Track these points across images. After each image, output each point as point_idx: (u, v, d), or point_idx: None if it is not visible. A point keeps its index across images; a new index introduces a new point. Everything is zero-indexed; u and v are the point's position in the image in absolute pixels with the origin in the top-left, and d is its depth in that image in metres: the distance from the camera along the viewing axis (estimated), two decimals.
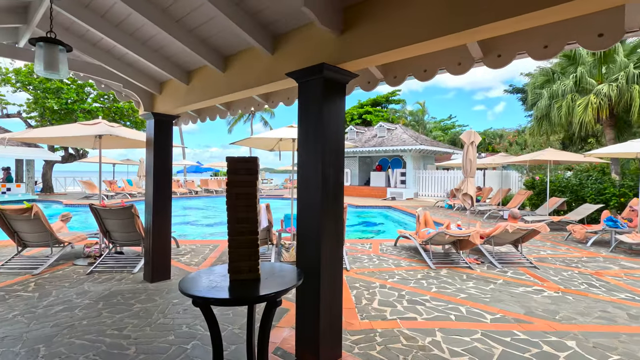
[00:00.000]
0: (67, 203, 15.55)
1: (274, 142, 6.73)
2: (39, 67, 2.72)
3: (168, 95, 4.38)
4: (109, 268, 5.21)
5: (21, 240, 5.38)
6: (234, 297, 1.91)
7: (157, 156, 4.58)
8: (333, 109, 2.56)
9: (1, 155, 16.45)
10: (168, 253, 4.77)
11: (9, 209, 4.99)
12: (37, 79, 18.04)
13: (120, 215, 5.17)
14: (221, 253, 6.33)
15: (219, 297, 1.89)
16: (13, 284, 4.52)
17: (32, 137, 5.26)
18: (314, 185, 2.54)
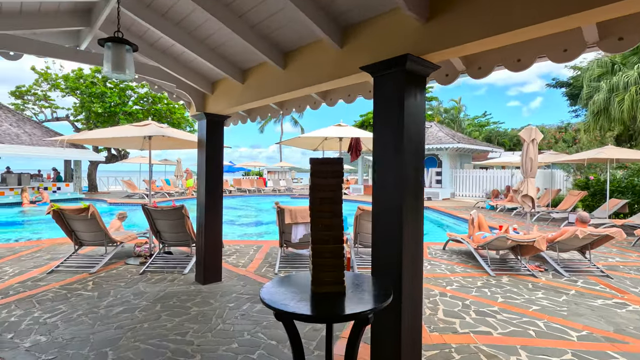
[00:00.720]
0: (111, 202, 16.22)
1: (318, 141, 6.57)
2: (107, 68, 2.69)
3: (220, 95, 4.31)
4: (160, 268, 5.25)
5: (78, 239, 5.54)
6: (325, 315, 1.73)
7: (209, 157, 4.53)
8: (414, 104, 2.33)
9: (53, 156, 17.44)
10: (219, 254, 4.72)
11: (67, 209, 5.14)
12: (83, 84, 18.98)
13: (171, 215, 5.19)
14: (266, 254, 6.25)
15: (306, 313, 1.71)
16: (73, 282, 4.63)
17: (87, 138, 5.40)
18: (392, 186, 2.33)
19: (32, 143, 16.56)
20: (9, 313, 3.61)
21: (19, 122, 17.56)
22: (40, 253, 6.17)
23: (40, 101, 20.77)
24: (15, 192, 15.79)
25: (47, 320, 3.41)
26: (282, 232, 5.45)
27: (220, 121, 4.62)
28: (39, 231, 10.23)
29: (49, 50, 3.51)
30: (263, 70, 3.60)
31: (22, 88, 20.19)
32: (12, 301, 3.93)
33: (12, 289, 4.33)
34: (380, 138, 2.42)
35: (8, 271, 5.09)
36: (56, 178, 19.48)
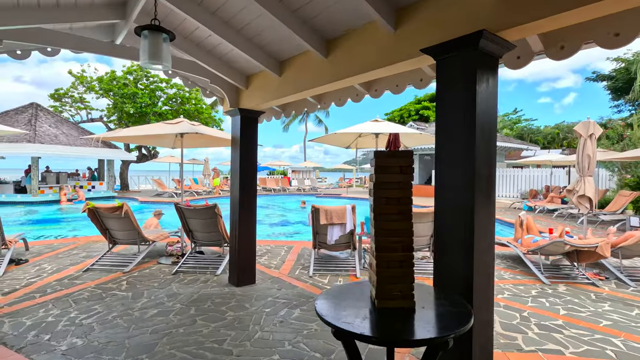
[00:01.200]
0: (142, 200, 16.59)
1: (352, 138, 6.29)
2: (143, 58, 2.53)
3: (255, 90, 4.12)
4: (192, 268, 5.14)
5: (112, 238, 5.54)
6: (393, 338, 1.46)
7: (243, 154, 4.36)
8: (486, 90, 2.02)
9: (88, 155, 18.08)
10: (253, 256, 4.54)
11: (102, 208, 5.12)
12: (116, 86, 19.56)
13: (204, 214, 5.07)
14: (298, 255, 6.04)
15: (371, 335, 1.44)
16: (107, 281, 4.59)
17: (121, 135, 5.37)
18: (461, 183, 2.02)
19: (69, 143, 17.21)
20: (46, 312, 3.56)
21: (57, 123, 18.30)
22: (77, 250, 6.24)
23: (77, 103, 21.63)
24: (54, 191, 16.46)
25: (83, 322, 3.32)
26: (315, 233, 5.22)
27: (255, 117, 4.44)
28: (76, 228, 10.52)
29: (85, 44, 3.43)
30: (302, 60, 3.36)
31: (60, 91, 21.09)
32: (50, 300, 3.90)
33: (49, 287, 4.32)
34: (445, 129, 2.11)
35: (46, 268, 5.13)
36: (91, 177, 20.21)
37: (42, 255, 5.86)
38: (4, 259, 5.04)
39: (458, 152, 2.04)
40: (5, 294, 4.10)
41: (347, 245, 5.28)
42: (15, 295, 4.04)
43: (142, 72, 20.57)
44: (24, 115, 17.49)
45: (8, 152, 15.60)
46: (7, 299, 3.93)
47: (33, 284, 4.46)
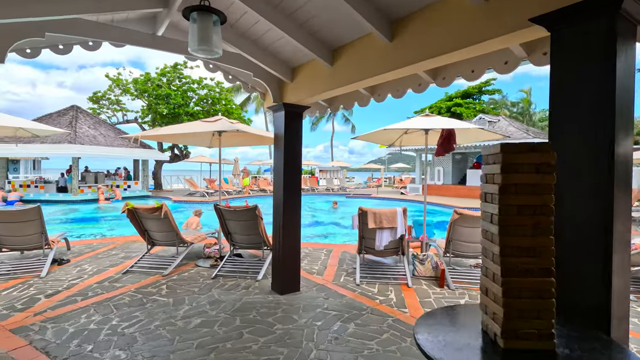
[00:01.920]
0: (176, 199, 16.84)
1: (397, 134, 5.86)
2: (192, 44, 2.26)
3: (301, 83, 3.80)
4: (232, 273, 4.91)
5: (150, 239, 5.41)
6: None
7: (287, 152, 4.06)
8: (624, 67, 1.57)
9: (124, 156, 18.60)
10: (298, 261, 4.23)
11: (141, 208, 4.99)
12: (150, 87, 20.01)
13: (244, 216, 4.83)
14: (339, 260, 5.69)
15: None
16: (147, 284, 4.43)
17: (159, 134, 5.23)
18: (594, 188, 1.58)
19: (107, 144, 17.75)
20: (88, 318, 3.41)
21: (96, 124, 18.94)
22: (115, 251, 6.19)
23: (113, 105, 22.36)
24: (92, 190, 17.01)
25: (125, 331, 3.13)
26: (362, 237, 4.85)
27: (299, 112, 4.13)
28: (113, 227, 10.70)
29: (126, 36, 3.23)
30: (360, 46, 2.99)
31: (98, 94, 21.87)
32: (91, 304, 3.76)
33: (90, 290, 4.21)
34: (567, 119, 1.68)
35: (87, 269, 5.06)
36: (126, 177, 20.80)
37: (83, 256, 5.84)
38: (47, 259, 5.01)
39: (589, 147, 1.60)
40: (48, 296, 4.02)
41: (395, 250, 4.88)
42: (58, 298, 3.94)
43: (175, 73, 20.95)
44: (65, 117, 18.21)
45: (51, 152, 16.26)
46: (50, 302, 3.83)
47: (74, 286, 4.36)
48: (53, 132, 5.97)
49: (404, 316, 3.50)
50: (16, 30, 2.73)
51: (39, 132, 5.92)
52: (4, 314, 3.50)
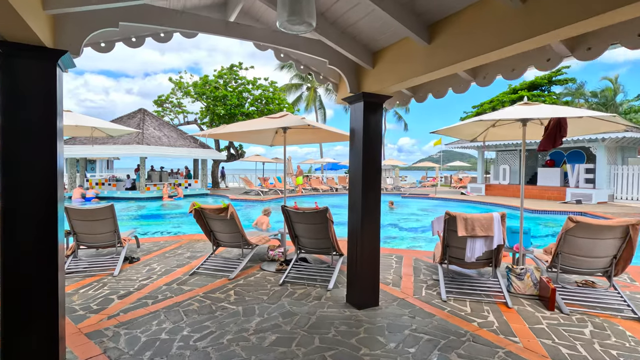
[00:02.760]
0: (233, 198, 17.21)
1: (482, 128, 5.12)
2: (282, 17, 1.89)
3: (385, 68, 3.30)
4: (300, 279, 4.56)
5: (216, 240, 5.26)
6: None
7: (366, 148, 3.58)
8: None
9: (185, 155, 19.46)
10: (377, 271, 3.75)
11: (208, 209, 4.83)
12: (208, 89, 20.74)
13: (313, 219, 4.45)
14: (413, 268, 5.11)
15: None
16: (215, 289, 4.22)
17: (225, 132, 5.05)
18: None
19: (170, 144, 18.68)
20: (159, 325, 3.22)
21: (160, 126, 20.04)
22: (181, 250, 6.18)
23: (175, 108, 23.59)
24: (157, 188, 17.99)
25: (198, 345, 2.87)
26: (446, 246, 4.22)
27: (380, 103, 3.63)
28: (177, 225, 11.04)
29: (198, 24, 2.97)
30: (472, 15, 2.42)
31: (162, 97, 23.20)
32: (161, 309, 3.60)
33: (160, 292, 4.09)
34: None
35: (156, 269, 5.03)
36: (187, 175, 21.80)
37: (151, 254, 5.88)
38: (119, 257, 5.06)
39: None
40: (121, 297, 3.96)
41: (486, 262, 4.19)
42: (130, 300, 3.85)
43: (231, 75, 21.51)
44: (134, 120, 19.48)
45: (122, 153, 17.46)
46: (122, 304, 3.74)
47: (145, 287, 4.29)
48: (124, 132, 6.11)
49: (516, 347, 2.86)
50: (91, 21, 2.56)
51: (112, 132, 6.08)
52: (81, 315, 3.45)
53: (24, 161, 2.29)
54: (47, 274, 2.34)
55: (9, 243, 2.26)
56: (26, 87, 2.28)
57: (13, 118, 2.26)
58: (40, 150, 2.32)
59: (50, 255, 2.35)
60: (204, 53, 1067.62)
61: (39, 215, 2.32)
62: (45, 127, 2.33)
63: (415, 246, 8.51)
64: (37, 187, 2.32)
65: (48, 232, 2.34)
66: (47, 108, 2.33)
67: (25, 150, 2.29)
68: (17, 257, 2.28)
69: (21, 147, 2.28)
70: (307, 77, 34.87)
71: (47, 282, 2.35)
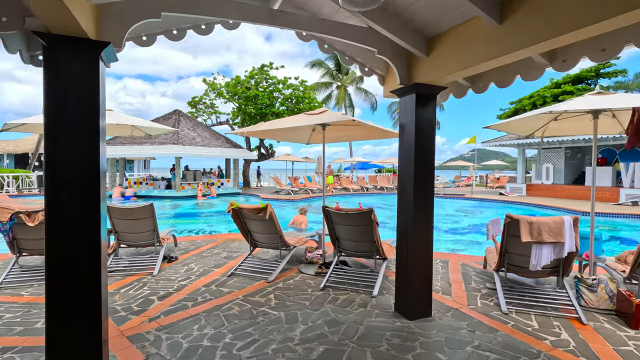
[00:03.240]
0: (264, 197, 17.26)
1: (541, 122, 4.64)
2: None
3: (441, 55, 2.99)
4: (341, 284, 4.32)
5: (253, 240, 5.12)
6: None
7: (418, 144, 3.28)
8: None
9: (218, 155, 19.78)
10: (430, 277, 3.44)
11: (246, 208, 4.69)
12: (240, 89, 20.97)
13: (357, 220, 4.18)
14: (462, 274, 4.72)
15: None
16: (254, 292, 4.07)
17: (262, 130, 4.90)
18: None
19: (204, 144, 19.04)
20: (201, 331, 3.09)
21: (194, 126, 20.49)
22: (218, 250, 6.11)
23: (208, 109, 24.08)
24: (192, 187, 18.39)
25: (242, 355, 2.69)
26: (505, 252, 3.83)
27: (433, 95, 3.31)
28: (211, 224, 11.14)
29: (241, 12, 2.79)
30: None
31: (196, 98, 23.76)
32: (202, 313, 3.48)
33: (199, 294, 3.99)
34: None
35: (194, 269, 4.96)
36: (219, 175, 22.17)
37: (189, 253, 5.85)
38: (158, 256, 5.04)
39: None
40: (161, 298, 3.88)
41: (551, 271, 3.75)
42: (170, 302, 3.76)
43: (262, 75, 21.64)
44: (169, 121, 20.03)
45: (158, 153, 17.98)
46: (162, 306, 3.66)
47: (184, 288, 4.20)
48: (162, 131, 6.14)
49: None
50: (133, 11, 2.44)
51: (151, 131, 6.12)
52: (122, 317, 3.39)
53: (67, 160, 2.19)
54: (90, 270, 2.25)
55: (52, 241, 2.18)
56: (70, 83, 2.18)
57: (56, 116, 2.17)
58: (83, 149, 2.22)
59: (93, 253, 2.25)
60: (234, 55, 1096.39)
61: (82, 212, 2.22)
62: (89, 125, 2.23)
63: (457, 249, 8.04)
64: (80, 185, 2.22)
65: (91, 229, 2.25)
66: (90, 105, 2.23)
67: (70, 149, 2.19)
68: (60, 255, 2.19)
69: (65, 146, 2.19)
70: (337, 75, 34.61)
71: (91, 280, 2.26)
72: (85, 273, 2.24)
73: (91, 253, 2.25)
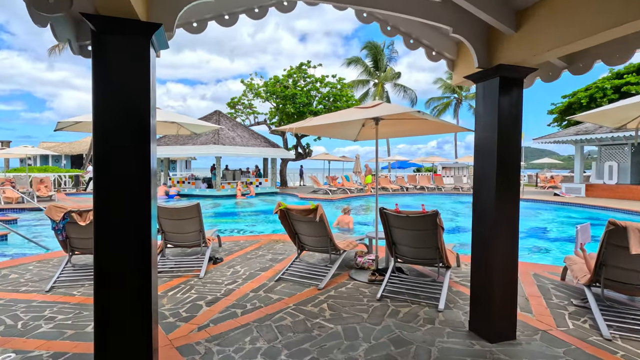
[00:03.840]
0: (302, 197, 17.10)
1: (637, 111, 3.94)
2: None
3: (538, 28, 2.49)
4: (400, 294, 3.90)
5: (301, 243, 4.83)
6: None
7: (502, 138, 2.79)
8: None
9: (256, 155, 19.91)
10: (514, 292, 2.93)
11: (294, 210, 4.40)
12: (278, 88, 20.99)
13: (419, 224, 3.75)
14: (538, 287, 4.12)
15: None
16: (305, 300, 3.76)
17: (311, 125, 4.58)
18: None
19: (243, 144, 19.23)
20: (253, 344, 2.82)
21: (234, 126, 20.79)
22: (262, 251, 5.90)
23: (247, 109, 24.38)
24: (231, 186, 18.63)
25: None
26: (601, 265, 3.22)
27: (521, 78, 2.81)
28: (252, 223, 11.07)
29: None
30: None
31: (235, 99, 24.14)
32: (252, 322, 3.22)
33: (248, 301, 3.74)
34: None
35: (240, 272, 4.75)
36: (257, 174, 22.35)
37: (233, 255, 5.68)
38: (204, 258, 4.89)
39: None
40: (209, 303, 3.68)
41: None
42: (218, 308, 3.54)
43: (300, 73, 21.53)
44: (210, 121, 20.46)
45: (199, 153, 18.38)
46: (211, 312, 3.44)
47: (231, 292, 3.99)
48: (208, 128, 6.04)
49: None
50: None
51: (196, 129, 6.03)
52: (171, 323, 3.20)
53: (118, 159, 1.98)
54: (140, 268, 2.04)
55: (101, 240, 1.98)
56: (119, 72, 1.96)
57: (105, 110, 1.96)
58: (132, 146, 2.00)
59: (143, 251, 2.04)
60: (269, 57, 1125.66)
61: (132, 211, 2.01)
62: (138, 119, 2.00)
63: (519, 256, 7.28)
64: (130, 184, 2.00)
65: (142, 228, 2.04)
66: (140, 98, 2.00)
67: (119, 146, 1.98)
68: (108, 253, 1.99)
69: (115, 144, 1.98)
70: (374, 72, 33.89)
71: (141, 280, 2.05)
72: (134, 271, 2.04)
73: (141, 252, 2.04)
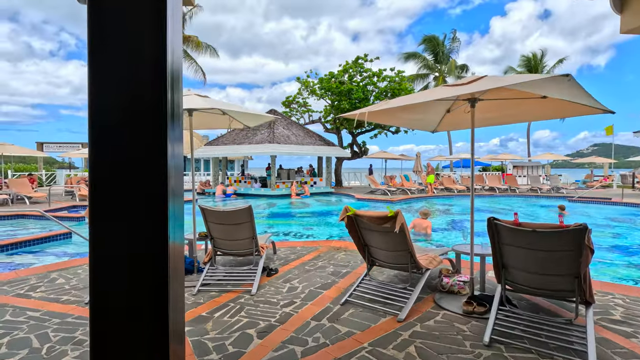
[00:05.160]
0: (359, 197, 16.13)
1: None
2: None
3: None
4: (514, 336, 2.79)
5: (371, 257, 3.90)
6: None
7: None
8: None
9: (311, 153, 19.35)
10: None
11: (366, 216, 3.48)
12: (334, 84, 20.23)
13: (552, 243, 2.61)
14: None
15: None
16: (383, 338, 2.83)
17: (388, 107, 3.64)
18: None
19: (298, 142, 18.77)
20: None
21: (288, 125, 20.44)
22: (322, 262, 5.07)
23: (301, 108, 24.00)
24: (286, 186, 18.26)
25: None
26: None
27: None
28: (308, 226, 10.37)
29: None
30: None
31: (290, 98, 23.89)
32: None
33: (309, 333, 2.92)
34: None
35: (298, 289, 3.97)
36: (311, 173, 21.80)
37: (289, 264, 4.93)
38: (257, 269, 4.19)
39: None
40: (261, 334, 2.92)
41: None
42: (273, 343, 2.76)
43: (357, 68, 20.57)
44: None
45: (255, 152, 18.27)
46: (264, 349, 2.67)
47: (289, 319, 3.19)
48: (262, 119, 5.44)
49: None
50: None
51: (249, 120, 5.41)
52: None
53: (116, 155, 1.24)
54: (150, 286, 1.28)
55: (99, 254, 1.25)
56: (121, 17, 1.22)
57: (101, 83, 1.23)
58: (141, 136, 1.25)
59: (154, 265, 1.27)
60: (322, 59, 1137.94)
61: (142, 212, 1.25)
62: (150, 101, 1.25)
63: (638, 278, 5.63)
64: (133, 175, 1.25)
65: (156, 233, 1.27)
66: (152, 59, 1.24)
67: (118, 129, 1.24)
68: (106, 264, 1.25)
69: (110, 123, 1.24)
70: (434, 65, 31.68)
71: (150, 305, 1.28)
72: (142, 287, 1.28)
73: (152, 263, 1.28)
